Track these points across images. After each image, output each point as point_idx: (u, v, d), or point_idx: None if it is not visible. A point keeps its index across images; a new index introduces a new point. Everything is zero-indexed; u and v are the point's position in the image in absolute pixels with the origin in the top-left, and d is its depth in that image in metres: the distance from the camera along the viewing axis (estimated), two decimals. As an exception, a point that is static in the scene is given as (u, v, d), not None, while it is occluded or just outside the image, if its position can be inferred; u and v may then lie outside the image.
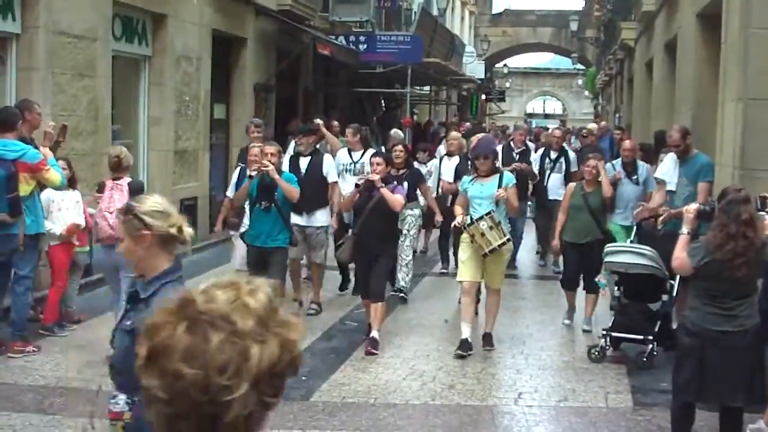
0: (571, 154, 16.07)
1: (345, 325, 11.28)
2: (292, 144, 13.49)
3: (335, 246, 11.13)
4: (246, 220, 11.01)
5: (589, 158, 11.96)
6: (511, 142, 16.37)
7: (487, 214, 9.87)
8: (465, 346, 9.99)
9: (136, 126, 15.72)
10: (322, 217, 11.94)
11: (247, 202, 10.65)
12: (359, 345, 10.03)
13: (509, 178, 10.38)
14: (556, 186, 15.07)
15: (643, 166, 12.98)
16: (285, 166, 11.42)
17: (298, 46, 21.76)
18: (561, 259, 13.02)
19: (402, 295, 12.70)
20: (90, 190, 12.35)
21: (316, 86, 24.63)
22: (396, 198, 10.27)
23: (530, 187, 15.54)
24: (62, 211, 10.28)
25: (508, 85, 63.40)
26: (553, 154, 15.65)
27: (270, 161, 10.07)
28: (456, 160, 14.41)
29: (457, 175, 13.10)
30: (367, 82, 26.49)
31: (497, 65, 60.08)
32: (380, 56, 24.70)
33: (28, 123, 10.17)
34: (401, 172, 12.15)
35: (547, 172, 15.48)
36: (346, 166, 13.23)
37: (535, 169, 15.42)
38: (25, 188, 9.46)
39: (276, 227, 10.26)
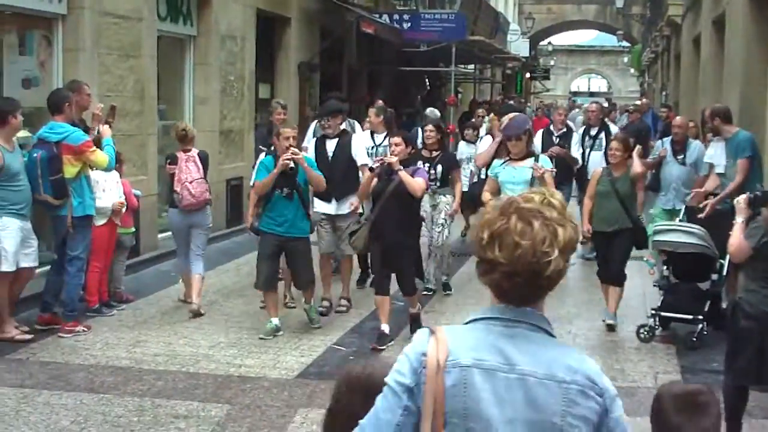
0: (613, 128, 14.99)
1: (392, 304, 11.17)
2: (312, 126, 12.49)
3: (349, 233, 10.12)
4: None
5: (613, 140, 11.04)
6: (551, 126, 15.25)
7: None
8: None
9: (182, 106, 15.76)
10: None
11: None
12: (406, 324, 9.93)
13: (545, 162, 9.74)
14: (596, 164, 13.14)
15: (695, 146, 12.37)
16: (310, 150, 10.92)
17: (341, 25, 21.68)
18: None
19: (447, 292, 11.95)
20: (138, 171, 12.42)
21: (360, 65, 24.55)
22: (416, 182, 9.31)
23: (574, 170, 14.54)
24: (106, 191, 10.32)
25: (552, 63, 63.03)
26: (593, 131, 14.54)
27: (292, 145, 9.61)
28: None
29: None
30: (411, 60, 26.38)
31: (542, 43, 59.72)
32: (424, 34, 24.58)
33: (77, 104, 10.24)
34: (434, 154, 11.51)
35: (587, 150, 14.38)
36: (367, 150, 11.57)
37: (577, 149, 14.30)
38: (70, 170, 9.52)
39: (299, 215, 9.72)
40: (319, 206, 10.88)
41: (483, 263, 2.71)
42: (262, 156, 10.50)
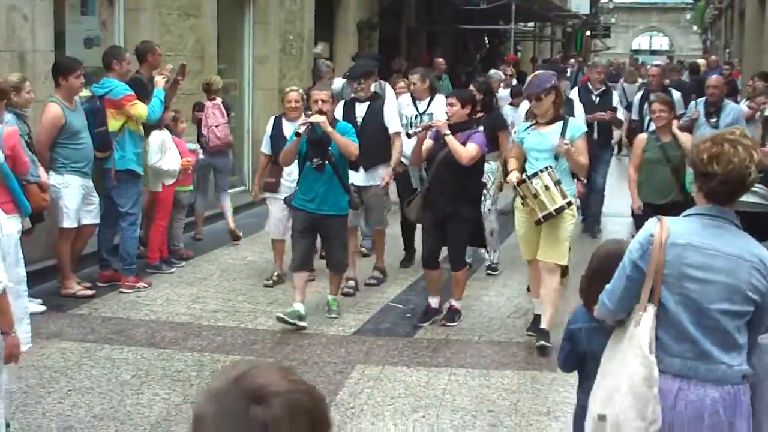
0: (676, 94, 13.62)
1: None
2: (337, 85, 11.54)
3: (403, 203, 9.49)
4: (286, 181, 9.84)
5: (654, 101, 9.97)
6: (589, 83, 13.82)
7: (542, 171, 7.90)
8: (542, 335, 8.04)
9: (242, 65, 15.82)
10: (382, 175, 10.03)
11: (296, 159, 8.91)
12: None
13: (576, 127, 8.33)
14: None
15: (731, 108, 11.89)
16: (338, 113, 9.88)
17: (400, -17, 21.62)
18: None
19: (489, 272, 10.90)
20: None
21: (419, 24, 24.45)
22: (462, 149, 8.37)
23: (615, 134, 13.86)
24: (171, 149, 10.44)
25: (613, 20, 62.20)
26: (653, 96, 12.37)
27: (322, 109, 8.57)
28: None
29: None
30: (470, 19, 26.20)
31: (603, 0, 58.93)
32: (484, -8, 24.38)
33: (149, 63, 10.60)
34: (478, 116, 10.01)
35: (647, 116, 12.38)
36: (410, 120, 10.61)
37: (634, 113, 13.36)
38: (113, 124, 9.72)
39: (332, 190, 8.67)
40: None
41: (701, 176, 3.90)
42: (271, 121, 10.27)
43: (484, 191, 10.06)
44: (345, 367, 7.59)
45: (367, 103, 10.03)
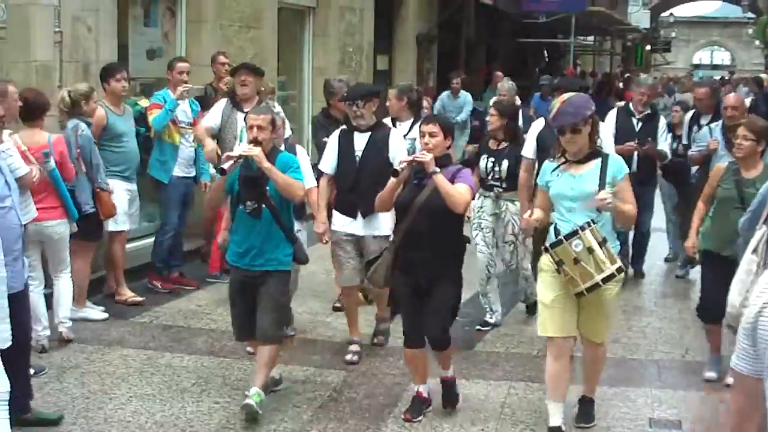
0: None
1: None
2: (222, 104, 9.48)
3: (366, 262, 7.63)
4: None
5: (742, 125, 7.79)
6: (631, 104, 11.10)
7: (582, 228, 6.05)
8: (586, 415, 6.81)
9: (301, 77, 15.92)
10: (387, 223, 7.70)
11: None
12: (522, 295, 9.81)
13: (618, 165, 6.34)
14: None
15: None
16: (331, 146, 8.08)
17: (460, -4, 21.63)
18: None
19: (529, 314, 9.25)
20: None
21: (479, 37, 24.44)
22: (456, 190, 6.47)
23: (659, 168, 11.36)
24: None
25: (673, 34, 61.73)
26: (704, 119, 10.91)
27: (257, 138, 6.61)
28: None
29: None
30: (529, 32, 26.16)
31: (663, 14, 58.60)
32: (543, 5, 24.38)
33: (215, 74, 11.10)
34: (501, 146, 8.87)
35: (698, 141, 10.43)
36: None
37: (663, 139, 10.71)
38: (152, 131, 9.98)
39: (271, 240, 6.75)
40: (340, 223, 8.03)
41: None
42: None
43: (511, 237, 8.91)
44: (403, 379, 7.55)
45: (368, 133, 7.96)
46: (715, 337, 7.80)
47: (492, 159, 8.84)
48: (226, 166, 6.57)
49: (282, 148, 7.34)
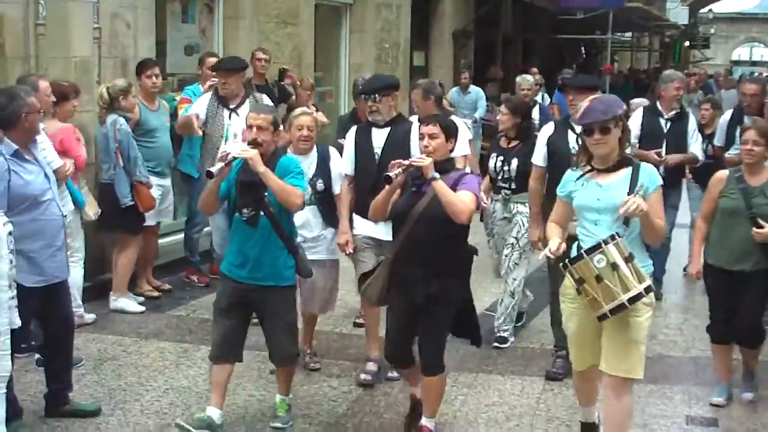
0: None
1: (542, 272, 10.98)
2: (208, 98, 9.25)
3: (360, 276, 6.76)
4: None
5: (748, 128, 7.01)
6: (658, 102, 10.05)
7: (606, 242, 5.28)
8: None
9: (338, 73, 15.95)
10: None
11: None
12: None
13: (651, 175, 5.53)
14: None
15: None
16: (348, 144, 7.54)
17: (497, -8, 21.57)
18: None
19: (497, 344, 8.36)
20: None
21: (515, 33, 24.37)
22: (459, 199, 5.82)
23: (687, 172, 10.66)
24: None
25: (712, 31, 61.17)
26: (747, 120, 8.96)
27: (257, 139, 6.09)
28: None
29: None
30: (566, 28, 26.06)
31: (702, 10, 58.04)
32: (581, 1, 24.23)
33: (254, 69, 11.12)
34: (511, 144, 8.42)
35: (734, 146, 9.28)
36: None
37: (694, 140, 9.84)
38: None
39: (269, 251, 6.16)
40: (361, 226, 7.41)
41: None
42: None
43: (512, 240, 8.34)
44: (439, 373, 7.57)
45: (387, 128, 7.35)
46: (724, 363, 7.21)
47: (501, 158, 8.39)
48: (214, 169, 5.99)
49: (314, 151, 7.27)
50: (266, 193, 6.05)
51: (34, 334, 6.37)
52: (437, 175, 5.79)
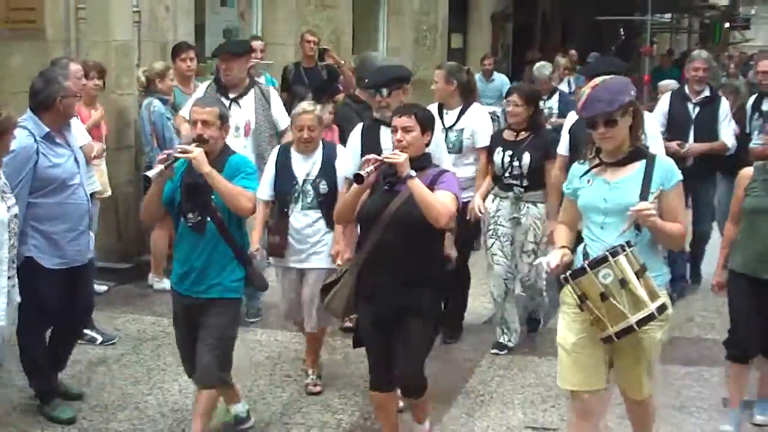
0: None
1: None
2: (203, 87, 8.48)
3: (323, 287, 5.90)
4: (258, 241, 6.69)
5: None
6: (686, 86, 9.33)
7: (614, 254, 4.56)
8: None
9: (376, 56, 15.95)
10: None
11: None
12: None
13: (668, 169, 4.81)
14: None
15: None
16: (353, 144, 6.80)
17: (536, -26, 21.50)
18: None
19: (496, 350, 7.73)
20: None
21: (554, 15, 24.26)
22: (437, 199, 5.23)
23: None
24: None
25: (753, 12, 60.43)
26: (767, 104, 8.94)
27: (202, 136, 5.50)
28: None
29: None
30: (605, 9, 25.88)
31: (743, -9, 57.42)
32: (620, -19, 24.08)
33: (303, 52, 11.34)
34: (520, 137, 7.51)
35: (755, 132, 8.95)
36: None
37: (727, 124, 9.05)
38: None
39: (216, 260, 5.58)
40: None
41: None
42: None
43: (531, 247, 7.54)
44: (475, 355, 7.60)
45: None
46: (739, 386, 6.30)
47: (509, 152, 7.44)
48: (152, 173, 5.35)
49: (319, 150, 6.71)
50: (213, 196, 5.46)
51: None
52: (413, 172, 5.19)
